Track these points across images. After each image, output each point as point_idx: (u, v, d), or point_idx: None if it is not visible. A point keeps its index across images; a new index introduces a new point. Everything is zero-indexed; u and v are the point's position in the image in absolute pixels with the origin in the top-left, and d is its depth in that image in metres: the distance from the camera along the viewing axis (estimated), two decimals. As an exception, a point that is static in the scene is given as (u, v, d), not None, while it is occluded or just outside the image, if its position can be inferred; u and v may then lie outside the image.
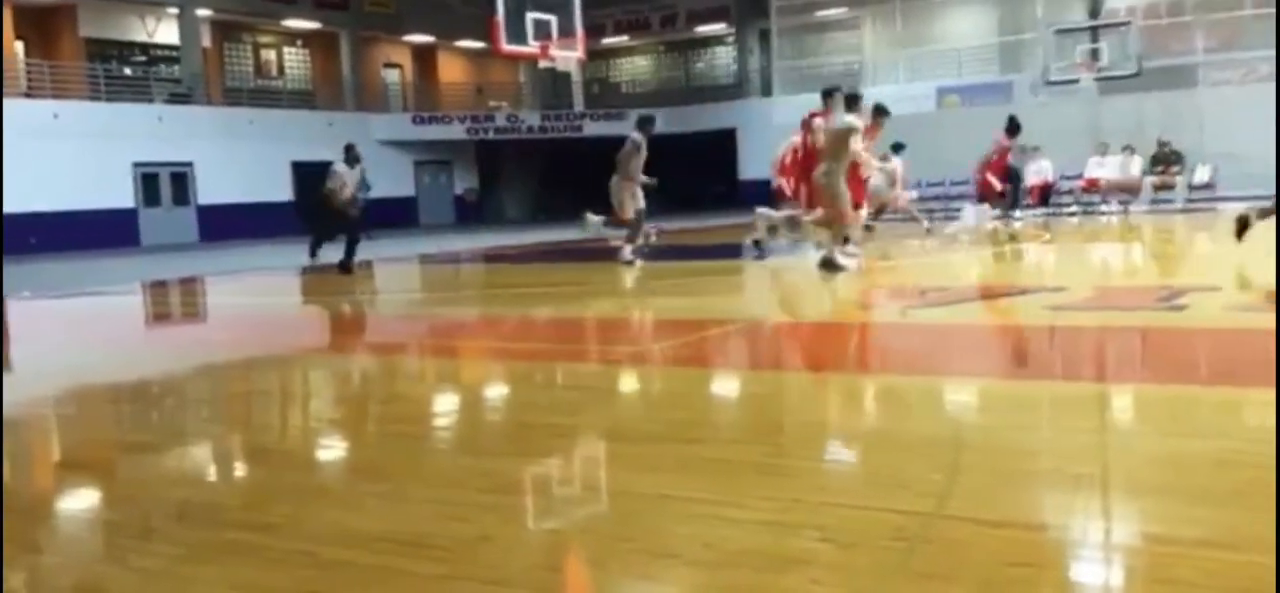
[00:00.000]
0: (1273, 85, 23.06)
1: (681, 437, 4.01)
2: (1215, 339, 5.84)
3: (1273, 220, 8.51)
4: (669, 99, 34.18)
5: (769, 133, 29.58)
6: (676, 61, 37.23)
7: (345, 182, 13.49)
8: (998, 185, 16.12)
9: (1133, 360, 5.50)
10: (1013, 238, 14.42)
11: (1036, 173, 21.31)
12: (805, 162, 11.38)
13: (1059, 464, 3.38)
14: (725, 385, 5.30)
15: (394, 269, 13.19)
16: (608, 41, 35.39)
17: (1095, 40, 24.40)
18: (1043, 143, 21.13)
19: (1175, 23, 25.45)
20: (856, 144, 10.23)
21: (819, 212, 10.60)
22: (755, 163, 30.45)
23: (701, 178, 31.20)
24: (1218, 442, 3.62)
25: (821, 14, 31.35)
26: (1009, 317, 7.26)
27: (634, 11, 35.22)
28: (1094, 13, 25.37)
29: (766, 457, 3.64)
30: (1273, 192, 18.17)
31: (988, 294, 8.31)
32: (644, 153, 12.39)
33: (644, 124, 12.62)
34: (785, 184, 13.63)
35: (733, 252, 16.10)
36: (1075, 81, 23.84)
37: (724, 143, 31.47)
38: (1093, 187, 21.08)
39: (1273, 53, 23.64)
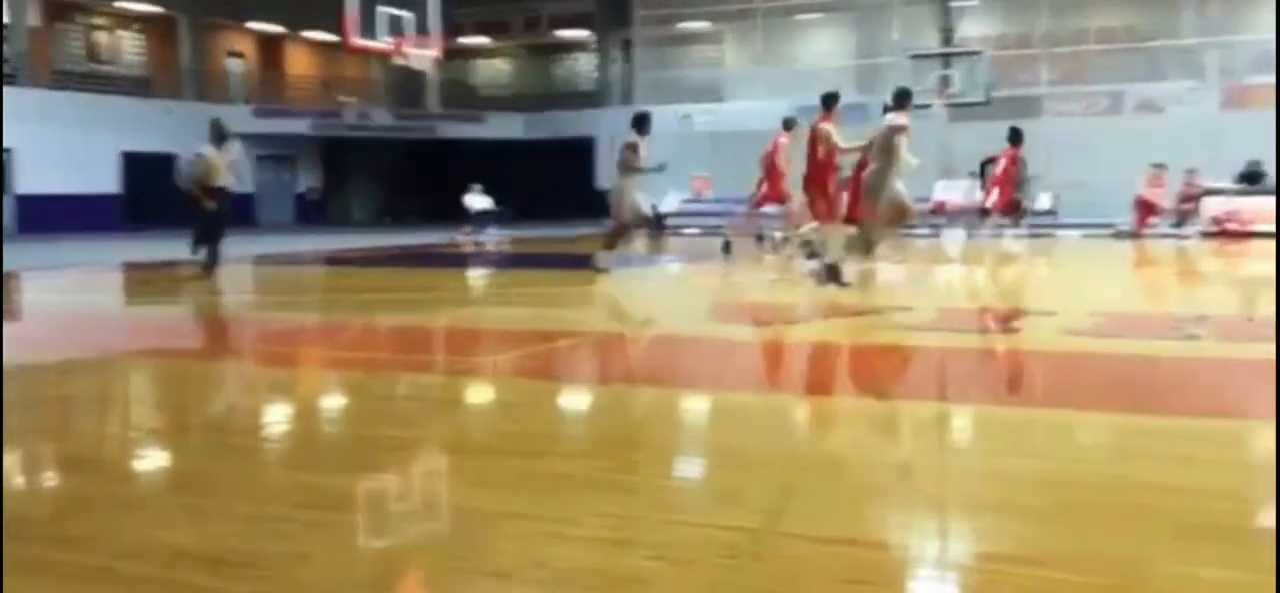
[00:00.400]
0: (1114, 119, 24.39)
1: (520, 451, 3.91)
2: (1047, 361, 6.07)
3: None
4: (528, 104, 33.93)
5: (630, 142, 29.78)
6: (537, 66, 36.98)
7: (216, 165, 12.11)
8: (1016, 199, 16.47)
9: (969, 380, 5.65)
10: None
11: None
12: (815, 170, 10.62)
13: (893, 482, 3.42)
14: (568, 399, 5.22)
15: (229, 271, 12.65)
16: (466, 42, 34.89)
17: (947, 67, 25.29)
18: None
19: (1023, 54, 26.62)
20: (903, 144, 10.03)
21: (820, 216, 10.38)
22: (614, 172, 30.51)
23: (558, 186, 31.06)
24: (1044, 461, 3.73)
25: (684, 26, 31.65)
26: (854, 336, 7.38)
27: (494, 13, 34.85)
28: (947, 41, 26.29)
29: (605, 472, 3.58)
30: (1112, 219, 19.24)
31: (835, 312, 8.46)
32: (642, 152, 12.07)
33: (640, 123, 12.33)
34: (773, 193, 13.55)
35: (590, 262, 16.04)
36: (928, 107, 24.66)
37: (583, 151, 31.43)
38: (940, 210, 21.83)
39: (1113, 89, 24.98)
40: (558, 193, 30.77)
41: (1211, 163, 19.12)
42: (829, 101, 10.65)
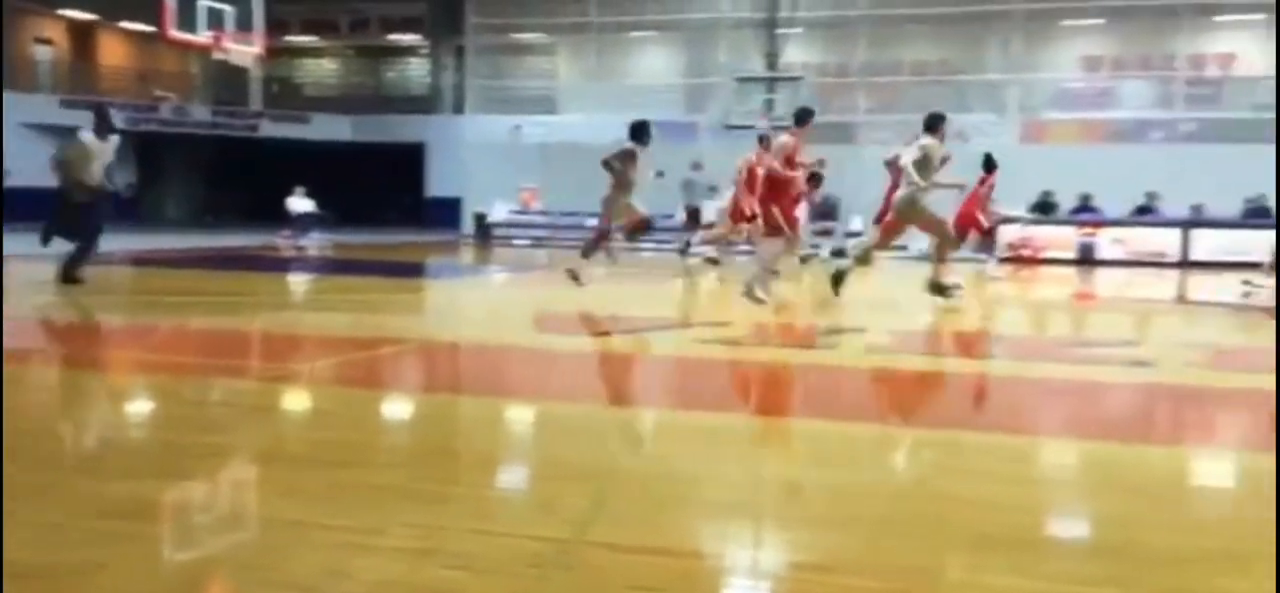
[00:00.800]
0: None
1: (332, 460, 3.85)
2: (852, 377, 6.34)
3: None
4: (356, 107, 33.14)
5: (460, 150, 29.47)
6: (366, 68, 36.20)
7: (91, 154, 10.79)
8: (985, 222, 16.67)
9: (779, 394, 5.85)
10: (688, 272, 15.07)
11: (715, 211, 22.50)
12: (780, 182, 10.48)
13: (703, 492, 3.52)
14: (385, 407, 5.15)
15: (31, 267, 11.91)
16: (292, 40, 33.84)
17: (771, 91, 26.07)
18: (721, 183, 22.30)
19: (841, 82, 27.69)
20: (910, 162, 9.89)
21: (778, 236, 10.24)
22: (443, 180, 30.21)
23: (387, 191, 30.51)
24: (846, 473, 3.90)
25: (517, 37, 31.61)
26: (674, 349, 7.54)
27: (322, 12, 33.95)
28: (771, 66, 27.10)
29: (418, 483, 3.56)
30: (918, 242, 20.18)
31: (657, 326, 8.61)
32: (639, 160, 11.55)
33: (639, 133, 11.73)
34: (748, 205, 13.32)
35: (415, 270, 15.82)
36: (752, 127, 25.35)
37: (412, 157, 30.95)
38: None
39: (923, 117, 26.22)
40: (385, 198, 30.25)
41: (1009, 192, 20.33)
42: (801, 118, 10.51)
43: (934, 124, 10.27)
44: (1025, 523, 3.24)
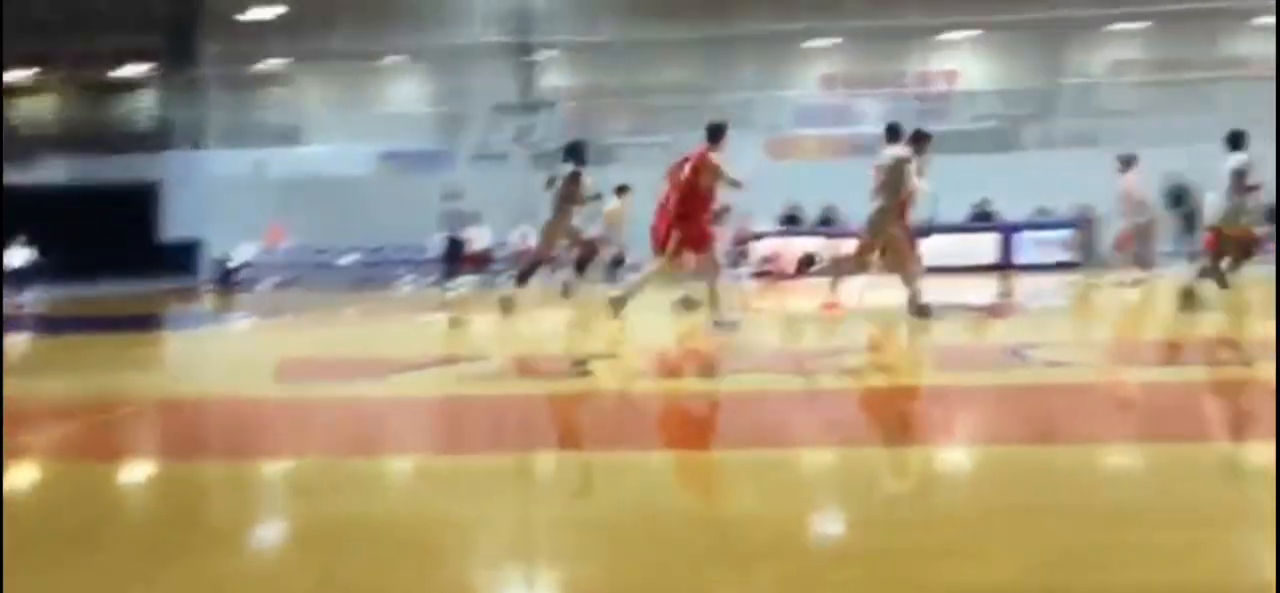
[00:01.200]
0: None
1: (48, 539, 3.36)
2: (611, 403, 6.28)
3: None
4: (78, 146, 30.71)
5: (200, 188, 27.86)
6: (90, 104, 33.67)
7: None
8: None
9: (534, 428, 5.69)
10: (448, 305, 14.74)
11: (476, 240, 22.26)
12: (693, 201, 9.99)
13: (449, 537, 3.32)
14: (110, 478, 4.61)
15: None
16: (5, 77, 31.17)
17: (528, 117, 26.12)
18: (480, 210, 22.04)
19: (597, 105, 28.08)
20: (912, 176, 9.66)
21: (705, 258, 10.00)
22: (182, 221, 28.42)
23: (116, 237, 28.19)
24: (593, 503, 3.79)
25: (258, 67, 30.29)
26: (431, 389, 7.25)
27: (39, 44, 31.33)
28: (526, 91, 27.16)
29: (146, 560, 3.15)
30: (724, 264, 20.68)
31: (416, 365, 8.27)
32: (580, 182, 11.67)
33: (575, 152, 11.83)
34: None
35: (150, 321, 14.71)
36: (505, 155, 25.30)
37: (144, 198, 28.93)
38: (525, 255, 22.43)
39: (676, 138, 26.87)
40: (114, 245, 27.90)
41: (758, 207, 21.13)
42: (716, 133, 10.09)
43: (894, 133, 10.34)
44: (767, 534, 3.22)
